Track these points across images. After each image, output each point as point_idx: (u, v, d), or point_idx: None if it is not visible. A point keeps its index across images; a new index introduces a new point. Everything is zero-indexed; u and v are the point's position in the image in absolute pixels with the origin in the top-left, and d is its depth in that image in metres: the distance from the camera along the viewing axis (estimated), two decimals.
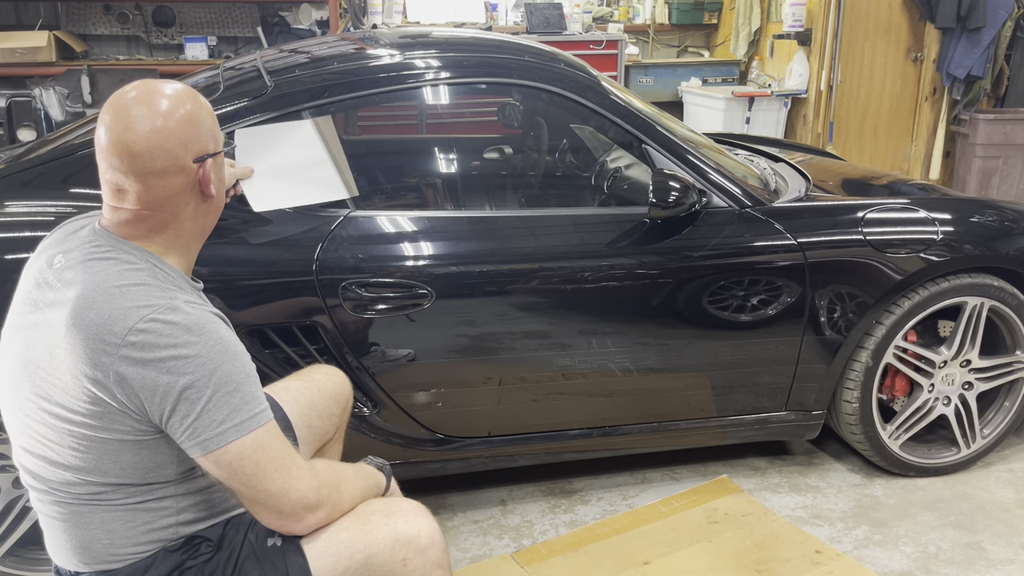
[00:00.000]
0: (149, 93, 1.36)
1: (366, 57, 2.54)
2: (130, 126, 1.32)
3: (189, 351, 1.27)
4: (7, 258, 2.02)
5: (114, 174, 1.35)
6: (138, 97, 1.35)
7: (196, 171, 1.39)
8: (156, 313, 1.28)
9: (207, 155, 1.40)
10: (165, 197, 1.37)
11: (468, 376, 2.35)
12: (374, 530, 1.43)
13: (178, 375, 1.27)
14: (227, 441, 1.29)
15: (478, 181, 3.03)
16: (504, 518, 2.55)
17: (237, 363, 1.31)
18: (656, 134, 2.46)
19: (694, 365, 2.48)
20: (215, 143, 1.43)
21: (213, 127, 1.43)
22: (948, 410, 2.69)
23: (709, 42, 6.71)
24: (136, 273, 1.33)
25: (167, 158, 1.34)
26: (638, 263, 2.37)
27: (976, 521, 2.55)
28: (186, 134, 1.36)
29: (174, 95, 1.37)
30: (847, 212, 2.55)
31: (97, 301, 1.29)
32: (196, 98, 1.41)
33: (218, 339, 1.30)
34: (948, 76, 5.66)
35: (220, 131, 1.46)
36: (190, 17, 5.48)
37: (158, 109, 1.34)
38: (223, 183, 1.50)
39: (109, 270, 1.33)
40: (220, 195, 1.47)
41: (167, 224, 1.39)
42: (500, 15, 6.00)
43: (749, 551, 2.34)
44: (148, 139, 1.33)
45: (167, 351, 1.27)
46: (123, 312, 1.28)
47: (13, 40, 4.95)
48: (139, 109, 1.33)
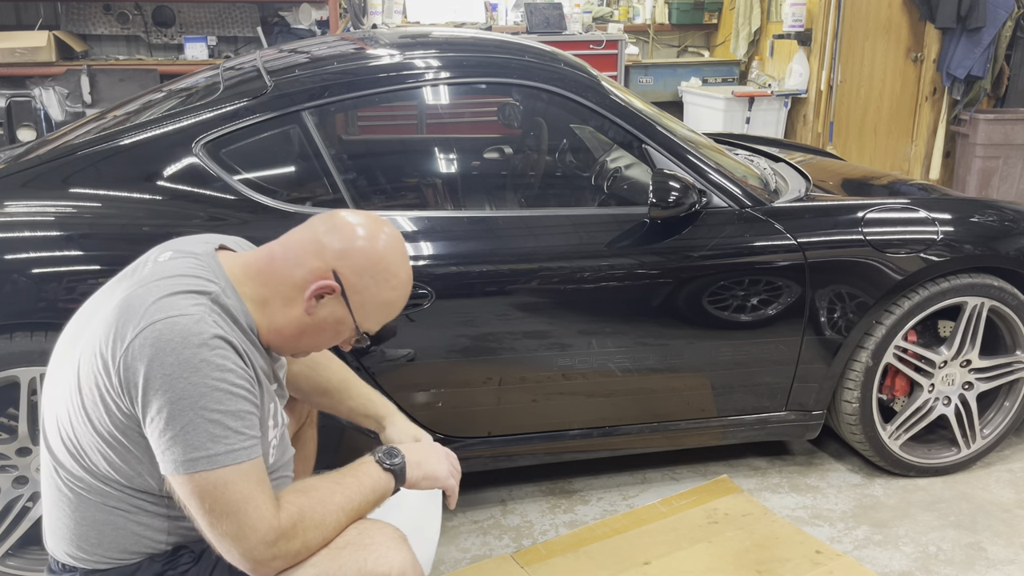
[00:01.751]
0: (393, 237, 1.43)
1: (366, 57, 2.54)
2: (357, 221, 1.42)
3: (188, 364, 1.25)
4: (7, 258, 2.02)
5: (311, 222, 1.43)
6: (384, 229, 1.43)
7: (322, 275, 1.38)
8: (177, 318, 1.27)
9: (342, 285, 1.38)
10: (297, 256, 1.39)
11: (468, 376, 2.35)
12: (343, 568, 1.36)
13: (170, 383, 1.25)
14: (196, 469, 1.26)
15: (478, 181, 3.03)
16: (504, 518, 2.55)
17: (233, 393, 1.28)
18: (656, 134, 2.46)
19: (694, 365, 2.48)
20: (358, 302, 1.41)
21: (373, 295, 1.41)
22: (948, 410, 2.69)
23: (709, 42, 6.71)
24: (199, 294, 1.33)
25: (328, 240, 1.39)
26: (638, 263, 2.37)
27: (976, 521, 2.55)
28: (357, 257, 1.38)
29: (394, 254, 1.43)
30: (847, 212, 2.55)
31: (149, 288, 1.31)
32: (395, 274, 1.42)
33: (222, 364, 1.28)
34: (948, 76, 5.66)
35: (374, 318, 1.45)
36: (190, 17, 5.48)
37: (376, 236, 1.41)
38: (320, 332, 1.44)
39: (179, 269, 1.36)
40: (310, 332, 1.43)
41: (273, 278, 1.40)
42: (500, 15, 6.00)
43: (749, 551, 2.34)
44: (350, 231, 1.39)
45: (167, 356, 1.25)
46: (155, 306, 1.28)
47: (13, 40, 4.95)
48: (374, 226, 1.42)
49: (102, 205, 2.17)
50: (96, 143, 2.23)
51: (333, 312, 1.41)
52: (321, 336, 1.44)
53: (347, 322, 1.42)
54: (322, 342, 1.46)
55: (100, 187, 2.20)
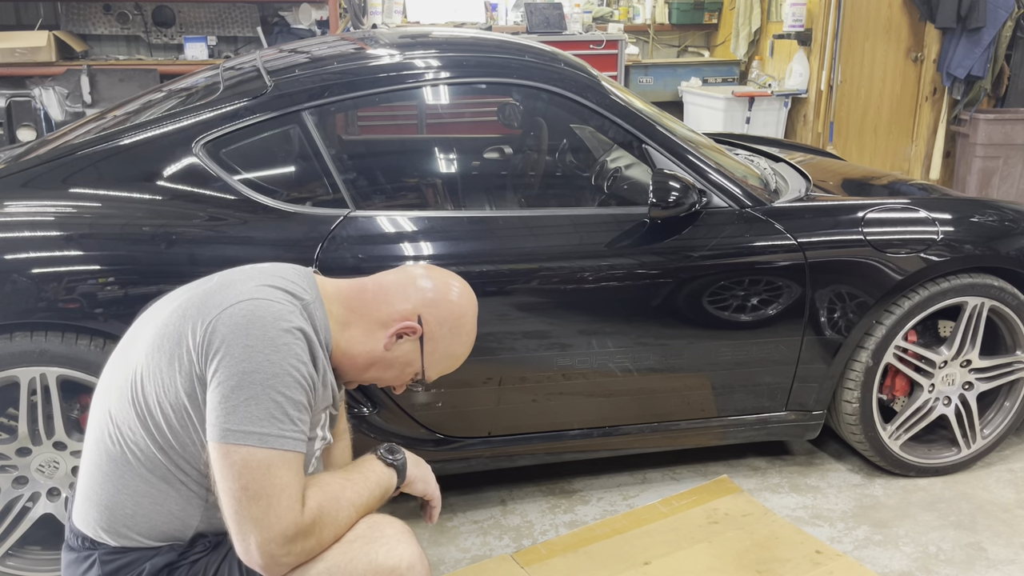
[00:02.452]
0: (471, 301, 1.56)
1: (366, 57, 2.54)
2: (449, 278, 1.55)
3: (272, 343, 1.30)
4: (7, 258, 2.02)
5: (402, 271, 1.54)
6: (469, 294, 1.57)
7: (408, 317, 1.48)
8: (274, 303, 1.35)
9: (422, 331, 1.48)
10: (387, 296, 1.49)
11: (468, 376, 2.35)
12: (353, 560, 1.37)
13: (249, 353, 1.29)
14: (244, 443, 1.27)
15: (478, 181, 3.03)
16: (504, 518, 2.55)
17: (300, 386, 1.33)
18: (656, 134, 2.46)
19: (694, 365, 2.48)
20: (431, 347, 1.51)
21: (446, 343, 1.52)
22: (948, 410, 2.69)
23: (709, 42, 6.71)
24: (294, 296, 1.39)
25: (423, 292, 1.50)
26: (638, 263, 2.37)
27: (976, 521, 2.55)
28: (441, 310, 1.50)
29: (470, 314, 1.55)
30: (847, 212, 2.55)
31: (250, 274, 1.42)
32: (467, 331, 1.55)
33: (300, 355, 1.33)
34: (948, 76, 5.66)
35: (440, 366, 1.55)
36: (190, 17, 5.48)
37: (460, 297, 1.53)
38: (388, 367, 1.51)
39: (279, 269, 1.45)
40: (381, 365, 1.50)
41: (360, 309, 1.48)
42: (500, 15, 6.00)
43: (749, 551, 2.34)
44: (441, 284, 1.52)
45: (255, 329, 1.30)
46: (253, 289, 1.36)
47: (13, 40, 4.95)
48: (462, 288, 1.55)
49: (102, 205, 2.17)
50: (96, 143, 2.23)
51: (407, 353, 1.50)
52: (388, 371, 1.52)
53: (415, 365, 1.52)
54: (386, 377, 1.53)
55: (100, 187, 2.20)
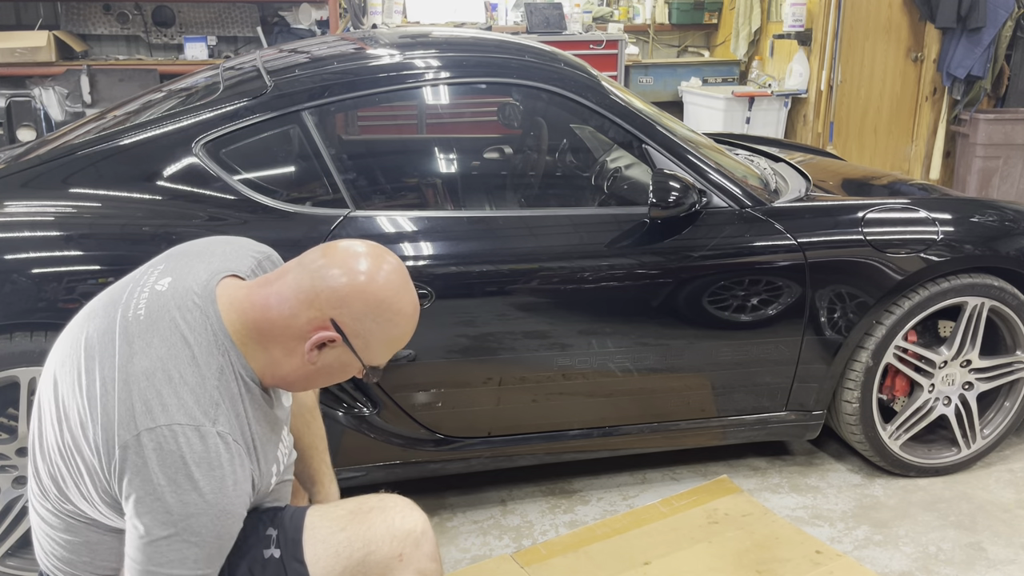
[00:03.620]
0: (395, 268, 1.38)
1: (366, 57, 2.54)
2: (351, 255, 1.35)
3: (189, 484, 1.23)
4: (7, 258, 2.01)
5: (301, 263, 1.36)
6: (387, 260, 1.38)
7: (320, 325, 1.32)
8: (187, 428, 1.25)
9: (342, 333, 1.33)
10: (292, 310, 1.32)
11: (468, 376, 2.35)
12: (372, 527, 1.44)
13: (157, 498, 1.23)
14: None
15: (478, 181, 3.03)
16: (504, 518, 2.55)
17: (223, 522, 1.26)
18: (656, 134, 2.46)
19: (694, 365, 2.48)
20: (362, 344, 1.36)
21: (377, 337, 1.36)
22: (948, 410, 2.69)
23: (709, 42, 6.71)
24: (200, 371, 1.29)
25: (323, 287, 1.32)
26: (638, 263, 2.37)
27: (976, 521, 2.55)
28: (354, 302, 1.33)
29: (395, 286, 1.36)
30: (847, 212, 2.55)
31: (150, 379, 1.27)
32: (398, 310, 1.37)
33: (222, 488, 1.25)
34: (948, 76, 5.65)
35: (382, 354, 1.40)
36: (190, 17, 5.48)
37: (374, 273, 1.34)
38: (329, 374, 1.40)
39: (180, 355, 1.30)
40: (318, 376, 1.40)
41: (271, 331, 1.34)
42: (500, 15, 6.00)
43: (749, 551, 2.34)
44: (341, 271, 1.32)
45: (167, 472, 1.23)
46: (159, 407, 1.25)
47: (13, 40, 4.95)
48: (374, 261, 1.35)
49: (102, 205, 2.17)
50: (96, 143, 2.23)
51: (338, 358, 1.37)
52: (330, 378, 1.42)
53: (353, 364, 1.39)
54: (331, 381, 1.44)
55: (100, 187, 2.20)
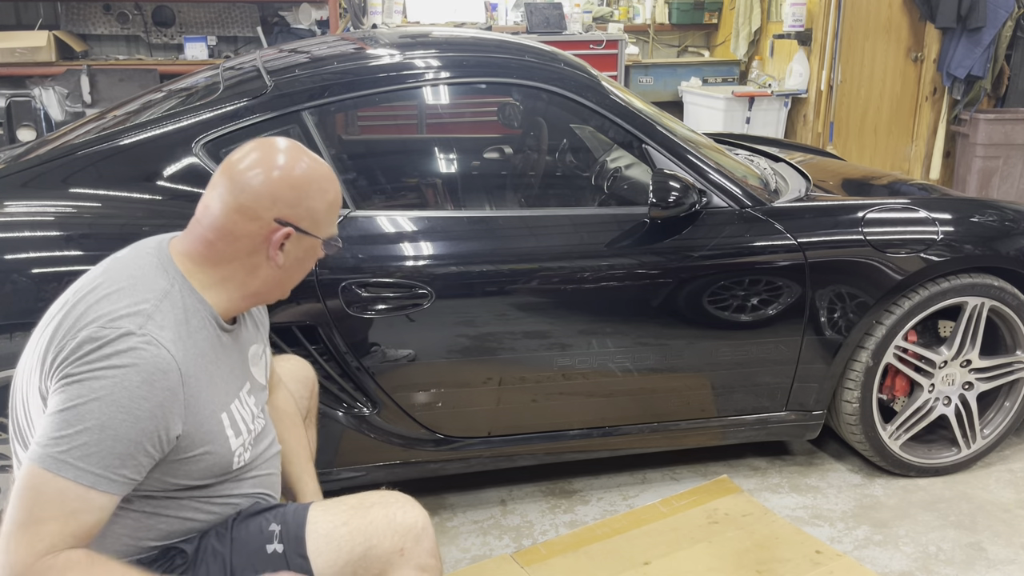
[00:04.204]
0: (288, 147, 1.43)
1: (366, 57, 2.54)
2: (250, 162, 1.40)
3: (107, 378, 1.24)
4: (7, 258, 2.02)
5: (214, 191, 1.41)
6: (278, 146, 1.43)
7: (271, 229, 1.39)
8: (118, 322, 1.28)
9: (291, 224, 1.40)
10: (230, 232, 1.39)
11: (468, 376, 2.35)
12: (373, 522, 1.45)
13: (82, 382, 1.24)
14: (45, 467, 1.22)
15: (478, 181, 3.03)
16: (504, 518, 2.55)
17: (133, 429, 1.24)
18: (656, 134, 2.46)
19: (694, 365, 2.48)
20: (311, 224, 1.43)
21: (319, 210, 1.43)
22: (948, 410, 2.69)
23: (709, 42, 6.71)
24: (145, 285, 1.35)
25: (249, 198, 1.38)
26: (638, 263, 2.37)
27: (976, 521, 2.55)
28: (283, 193, 1.39)
29: (304, 161, 1.43)
30: (847, 212, 2.55)
31: (88, 298, 1.33)
32: (320, 176, 1.44)
33: (137, 397, 1.24)
34: (948, 76, 5.66)
35: (330, 222, 1.47)
36: (190, 17, 5.48)
37: (279, 161, 1.40)
38: (300, 266, 1.48)
39: (123, 280, 1.36)
40: (289, 274, 1.47)
41: (222, 262, 1.41)
42: (500, 15, 6.00)
43: (749, 551, 2.34)
44: (254, 176, 1.38)
45: (84, 358, 1.25)
46: (93, 314, 1.30)
47: (13, 40, 4.95)
48: (269, 152, 1.41)
49: (102, 205, 2.17)
50: (96, 143, 2.23)
51: (299, 246, 1.44)
52: (301, 270, 1.50)
53: (315, 244, 1.46)
54: (303, 273, 1.51)
55: (100, 187, 2.20)
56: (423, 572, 1.46)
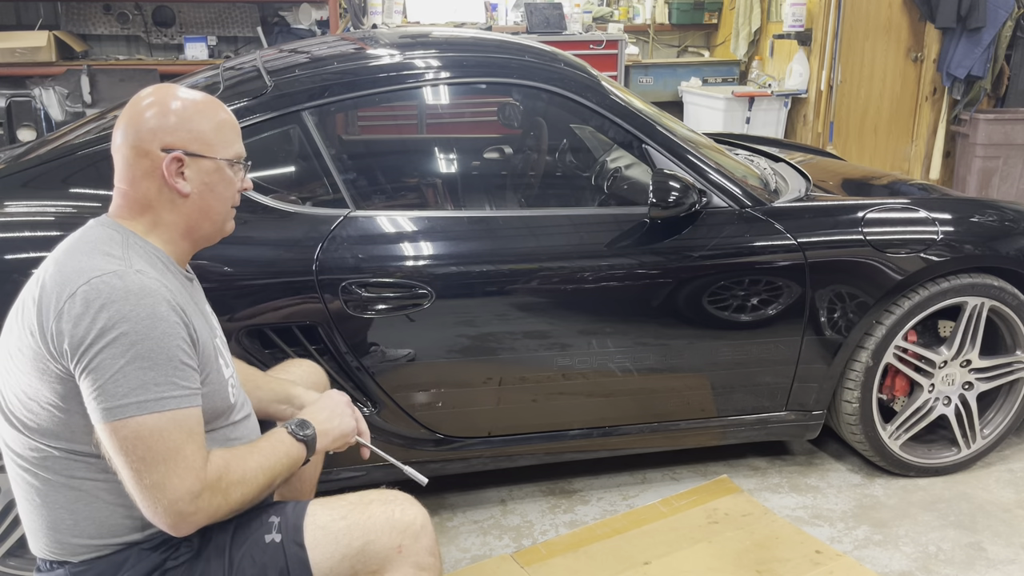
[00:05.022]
0: (163, 88, 1.49)
1: (366, 57, 2.54)
2: (130, 107, 1.47)
3: (118, 315, 1.29)
4: (7, 258, 2.02)
5: (113, 146, 1.47)
6: (155, 88, 1.49)
7: (160, 160, 1.42)
8: (103, 276, 1.31)
9: (176, 150, 1.43)
10: (134, 176, 1.44)
11: (468, 376, 2.35)
12: (372, 517, 1.46)
13: (101, 335, 1.28)
14: (126, 415, 1.28)
15: (478, 181, 3.03)
16: (504, 518, 2.55)
17: (163, 342, 1.31)
18: (656, 134, 2.46)
19: (694, 365, 2.48)
20: (201, 146, 1.45)
21: (206, 131, 1.45)
22: (948, 410, 2.69)
23: (709, 42, 6.71)
24: (106, 244, 1.38)
25: (135, 138, 1.43)
26: (638, 263, 2.37)
27: (976, 521, 2.55)
28: (157, 122, 1.43)
29: (176, 92, 1.47)
30: (847, 212, 2.55)
31: (61, 265, 1.36)
32: (200, 101, 1.48)
33: (152, 313, 1.31)
34: (948, 76, 5.66)
35: (225, 141, 1.48)
36: (190, 17, 5.48)
37: (153, 99, 1.46)
38: (214, 193, 1.48)
39: (82, 244, 1.39)
40: (206, 201, 1.48)
41: (144, 207, 1.45)
42: (500, 15, 6.00)
43: (749, 551, 2.34)
44: (134, 118, 1.44)
45: (98, 312, 1.29)
46: (77, 273, 1.33)
47: (13, 40, 4.95)
48: (145, 93, 1.48)
49: (102, 205, 2.16)
50: (96, 143, 2.23)
51: (200, 169, 1.45)
52: (218, 196, 1.49)
53: (217, 167, 1.47)
54: (225, 198, 1.50)
55: (100, 187, 2.20)
56: (421, 570, 1.47)
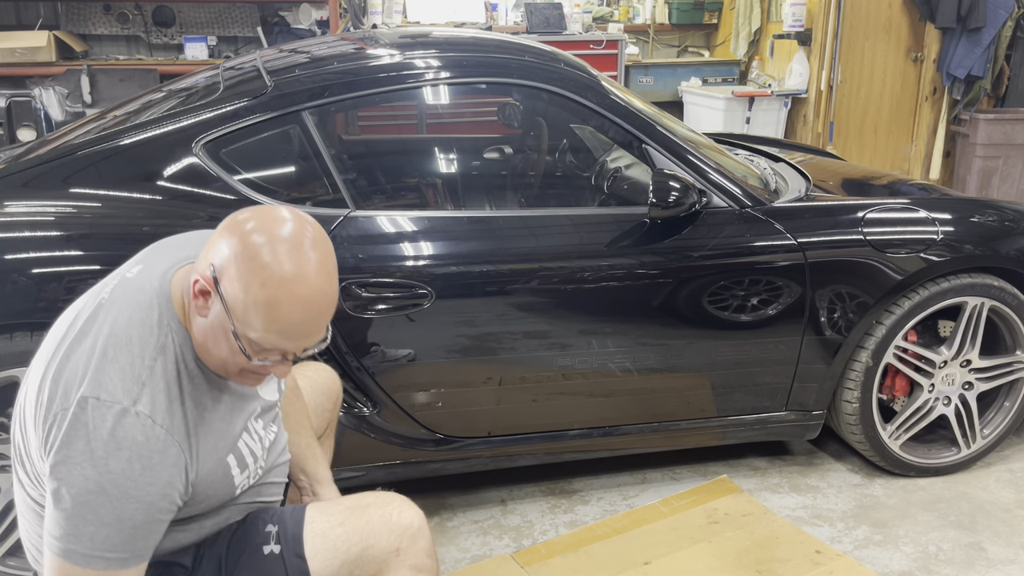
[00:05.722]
0: (271, 231, 1.26)
1: (366, 57, 2.54)
2: (245, 221, 1.27)
3: (89, 457, 1.21)
4: (7, 258, 2.02)
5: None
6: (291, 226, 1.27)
7: (202, 272, 1.26)
8: (100, 405, 1.23)
9: (216, 280, 1.24)
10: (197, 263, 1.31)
11: (468, 376, 2.35)
12: (369, 522, 1.45)
13: (66, 463, 1.22)
14: (50, 550, 1.23)
15: (478, 181, 3.03)
16: (504, 518, 2.55)
17: (120, 506, 1.22)
18: (656, 134, 2.46)
19: (694, 365, 2.48)
20: (237, 304, 1.23)
21: (256, 304, 1.22)
22: (948, 410, 2.69)
23: (709, 42, 6.71)
24: (141, 338, 1.28)
25: (213, 243, 1.28)
26: (638, 263, 2.37)
27: (976, 521, 2.55)
28: (233, 247, 1.24)
29: (277, 250, 1.23)
30: (847, 212, 2.55)
31: (88, 354, 1.28)
32: (298, 287, 1.22)
33: (122, 471, 1.21)
34: (948, 76, 5.66)
35: (262, 327, 1.23)
36: (190, 17, 5.48)
37: (257, 232, 1.25)
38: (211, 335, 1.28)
39: (121, 333, 1.28)
40: (204, 333, 1.29)
41: (188, 302, 1.31)
42: (500, 15, 6.00)
43: (749, 551, 2.34)
44: (234, 227, 1.27)
45: (76, 442, 1.22)
46: (85, 380, 1.25)
47: (13, 40, 4.95)
48: (252, 221, 1.27)
49: (102, 205, 2.17)
50: (96, 143, 2.23)
51: (213, 311, 1.26)
52: (215, 341, 1.28)
53: (225, 325, 1.25)
54: (218, 350, 1.29)
55: (100, 187, 2.20)
56: (419, 572, 1.47)
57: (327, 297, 1.26)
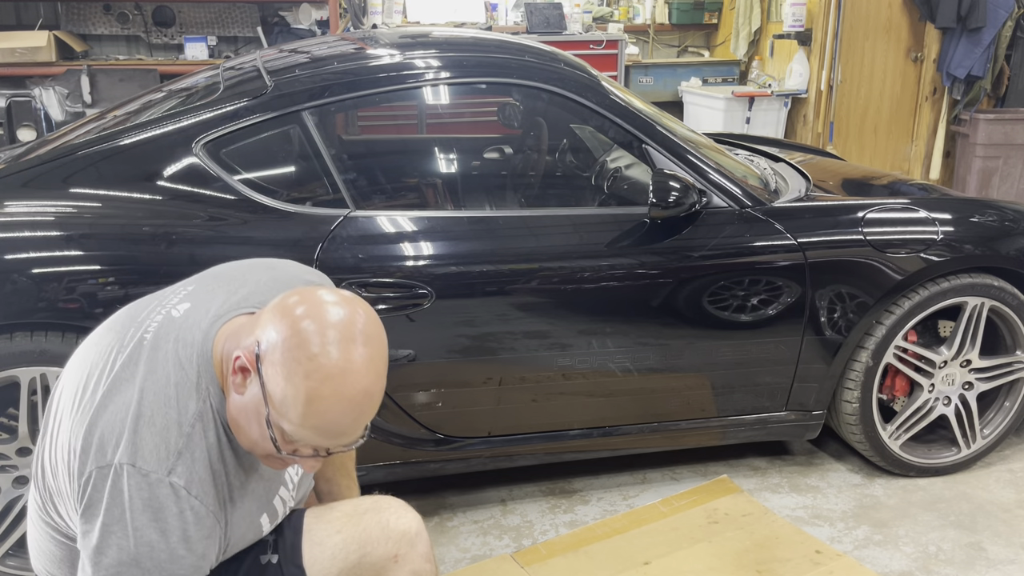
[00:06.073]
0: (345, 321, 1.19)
1: (366, 57, 2.54)
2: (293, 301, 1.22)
3: (121, 526, 1.19)
4: (7, 258, 2.02)
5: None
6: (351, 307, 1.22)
7: (247, 348, 1.21)
8: (133, 472, 1.20)
9: (260, 364, 1.19)
10: (241, 336, 1.25)
11: (468, 376, 2.35)
12: (367, 529, 1.44)
13: (102, 535, 1.20)
14: None
15: (478, 181, 3.03)
16: (504, 518, 2.55)
17: (159, 573, 1.20)
18: (656, 134, 2.46)
19: (694, 365, 2.48)
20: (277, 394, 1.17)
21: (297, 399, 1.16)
22: (948, 410, 2.69)
23: (709, 42, 6.71)
24: (178, 402, 1.24)
25: (274, 310, 1.21)
26: (638, 263, 2.37)
27: (976, 521, 2.55)
28: (280, 331, 1.18)
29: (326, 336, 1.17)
30: (847, 212, 2.55)
31: (124, 411, 1.23)
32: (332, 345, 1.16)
33: (160, 544, 1.19)
34: (948, 76, 5.66)
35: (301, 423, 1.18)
36: (190, 17, 5.48)
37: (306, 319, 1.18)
38: (244, 415, 1.23)
39: (159, 393, 1.24)
40: (235, 412, 1.24)
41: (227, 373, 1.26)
42: (500, 15, 6.00)
43: (749, 551, 2.34)
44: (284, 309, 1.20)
45: (117, 510, 1.19)
46: (121, 443, 1.21)
47: (13, 40, 4.95)
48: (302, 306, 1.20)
49: (102, 205, 2.17)
50: (96, 143, 2.23)
51: (256, 393, 1.20)
52: (247, 422, 1.23)
53: (260, 411, 1.20)
54: (251, 432, 1.23)
55: (100, 187, 2.20)
56: None
57: (371, 399, 1.20)
